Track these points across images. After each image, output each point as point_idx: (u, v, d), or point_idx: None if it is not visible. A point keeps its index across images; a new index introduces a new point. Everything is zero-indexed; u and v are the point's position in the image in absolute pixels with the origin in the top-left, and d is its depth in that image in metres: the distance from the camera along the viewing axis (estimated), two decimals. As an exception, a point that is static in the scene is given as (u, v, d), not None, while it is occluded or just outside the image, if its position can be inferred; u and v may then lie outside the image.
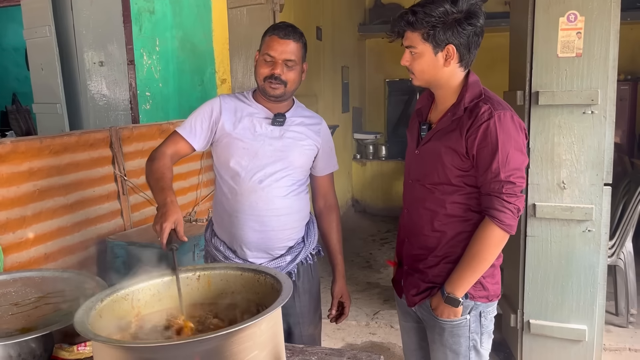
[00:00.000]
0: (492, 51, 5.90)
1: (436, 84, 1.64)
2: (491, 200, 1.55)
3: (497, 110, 1.53)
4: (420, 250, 1.72)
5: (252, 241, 1.85)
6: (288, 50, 1.79)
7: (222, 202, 1.90)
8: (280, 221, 1.85)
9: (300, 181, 1.91)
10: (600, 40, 2.56)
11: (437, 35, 1.53)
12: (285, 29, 1.81)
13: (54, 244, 2.35)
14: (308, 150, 1.90)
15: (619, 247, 3.44)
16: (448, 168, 1.60)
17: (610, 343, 3.26)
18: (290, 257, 1.89)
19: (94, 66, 4.14)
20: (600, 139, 2.64)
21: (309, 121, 1.95)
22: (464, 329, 1.69)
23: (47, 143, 2.33)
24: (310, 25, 5.18)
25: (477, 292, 1.67)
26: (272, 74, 1.79)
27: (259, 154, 1.82)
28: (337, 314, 2.04)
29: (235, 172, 1.83)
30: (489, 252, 1.59)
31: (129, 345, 1.04)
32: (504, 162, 1.52)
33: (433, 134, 1.66)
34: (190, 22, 3.72)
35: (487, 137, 1.53)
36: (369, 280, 4.56)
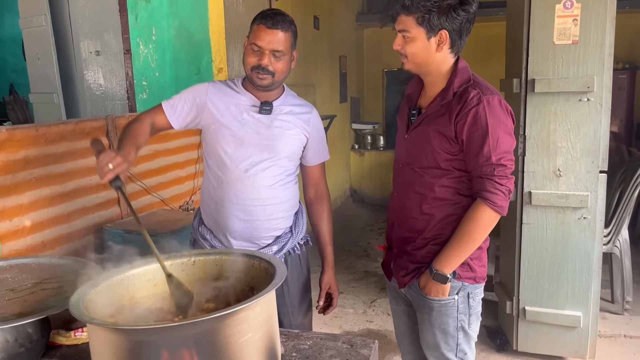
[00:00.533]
0: (490, 40, 5.89)
1: (427, 69, 1.66)
2: (483, 182, 1.58)
3: (486, 95, 1.56)
4: (409, 233, 1.76)
5: (237, 230, 1.84)
6: (276, 41, 1.74)
7: (208, 191, 1.89)
8: (266, 211, 1.84)
9: (288, 171, 1.89)
10: (597, 28, 2.56)
11: (431, 20, 1.55)
12: (274, 17, 1.76)
13: (51, 232, 2.35)
14: (296, 139, 1.88)
15: (615, 235, 3.45)
16: (437, 152, 1.63)
17: (606, 330, 3.29)
18: (277, 246, 1.88)
19: (90, 55, 4.13)
20: (596, 127, 2.65)
21: (299, 110, 1.91)
22: (452, 309, 1.73)
23: (43, 131, 2.33)
24: (308, 15, 5.16)
25: (464, 273, 1.71)
26: (260, 65, 1.76)
27: (245, 143, 1.81)
28: (325, 305, 2.02)
29: (222, 160, 1.82)
30: (479, 233, 1.62)
31: (123, 327, 1.05)
32: (495, 145, 1.55)
33: (422, 119, 1.68)
34: (187, 11, 3.71)
35: (477, 122, 1.55)
36: (367, 269, 4.58)
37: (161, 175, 3.08)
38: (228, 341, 1.04)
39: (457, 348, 1.77)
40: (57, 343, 1.44)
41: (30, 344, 1.28)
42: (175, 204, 3.19)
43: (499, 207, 1.58)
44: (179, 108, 1.84)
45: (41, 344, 1.33)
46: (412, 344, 2.00)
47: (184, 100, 1.85)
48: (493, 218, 1.60)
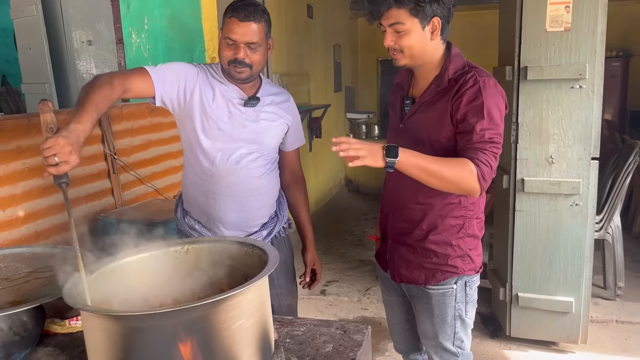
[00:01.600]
0: (484, 29, 5.88)
1: (422, 60, 1.63)
2: (476, 152, 1.52)
3: (482, 77, 1.56)
4: (405, 223, 1.74)
5: (230, 221, 1.87)
6: (249, 33, 1.71)
7: (195, 183, 1.88)
8: (258, 200, 1.88)
9: (273, 159, 1.94)
10: (589, 14, 2.56)
11: (425, 9, 1.54)
12: (245, 9, 1.71)
13: (44, 222, 2.35)
14: (280, 130, 1.91)
15: (607, 221, 3.48)
16: (434, 139, 1.61)
17: (598, 315, 3.32)
18: (266, 231, 1.93)
19: (82, 45, 4.10)
20: (588, 114, 2.66)
21: (279, 99, 1.93)
22: (450, 299, 1.73)
23: (36, 121, 2.32)
24: (301, 3, 5.13)
25: (465, 265, 1.71)
26: (236, 59, 1.73)
27: (234, 136, 1.81)
28: (311, 280, 2.14)
29: (210, 153, 1.81)
30: (451, 182, 1.51)
31: (116, 314, 1.06)
32: (489, 124, 1.53)
33: (418, 107, 1.67)
34: (179, 0, 3.69)
35: (473, 101, 1.54)
36: (361, 258, 4.60)
37: (155, 165, 3.08)
38: (221, 327, 1.05)
39: (454, 336, 1.78)
40: (51, 331, 1.45)
41: (25, 332, 1.29)
42: (169, 193, 3.19)
43: (485, 180, 1.51)
44: (169, 81, 1.74)
45: (36, 332, 1.34)
46: (404, 333, 2.01)
47: (176, 76, 1.76)
48: (471, 185, 1.50)
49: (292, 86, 4.67)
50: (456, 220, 1.68)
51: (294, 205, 2.11)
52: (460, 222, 1.68)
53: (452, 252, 1.69)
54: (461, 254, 1.70)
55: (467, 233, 1.70)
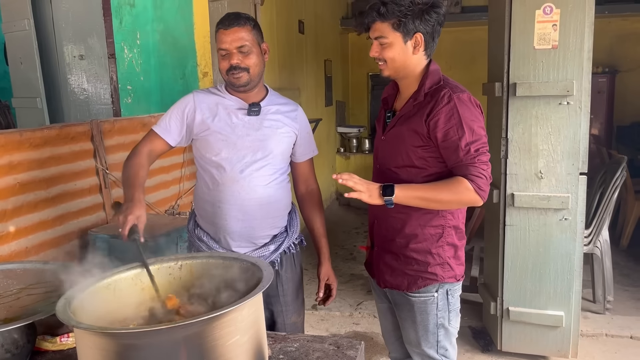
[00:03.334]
0: (474, 45, 5.97)
1: (404, 72, 1.72)
2: (467, 167, 1.61)
3: (456, 93, 1.63)
4: (388, 231, 1.81)
5: (235, 230, 1.87)
6: (237, 38, 1.79)
7: (204, 194, 1.92)
8: (263, 210, 1.88)
9: (281, 169, 1.94)
10: (575, 33, 2.61)
11: (407, 24, 1.62)
12: (228, 18, 1.82)
13: (35, 238, 2.34)
14: (286, 137, 1.92)
15: (596, 235, 3.52)
16: (411, 150, 1.69)
17: (588, 329, 3.34)
18: (273, 246, 1.92)
19: (74, 60, 4.10)
20: (575, 130, 2.70)
21: (285, 108, 1.96)
22: (431, 307, 1.78)
23: (28, 136, 2.31)
24: (293, 19, 5.18)
25: (445, 273, 1.77)
26: (231, 65, 1.80)
27: (238, 145, 1.84)
28: (325, 296, 2.07)
29: (217, 164, 1.85)
30: (451, 203, 1.66)
31: (111, 331, 1.06)
32: (471, 138, 1.61)
33: (397, 120, 1.75)
34: (172, 16, 3.71)
35: (451, 119, 1.61)
36: (353, 272, 4.60)
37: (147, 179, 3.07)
38: (216, 343, 1.05)
39: (437, 345, 1.82)
40: (42, 349, 1.44)
41: (16, 350, 1.28)
42: (161, 208, 3.19)
43: (483, 191, 1.61)
44: (172, 126, 1.88)
45: (27, 349, 1.32)
46: (398, 340, 2.04)
47: (175, 118, 1.89)
48: (472, 199, 1.62)
49: (283, 101, 4.69)
50: (435, 230, 1.75)
51: (308, 218, 2.08)
52: (439, 231, 1.75)
53: (432, 260, 1.76)
54: (440, 262, 1.76)
55: (446, 242, 1.76)
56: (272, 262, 1.93)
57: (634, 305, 3.72)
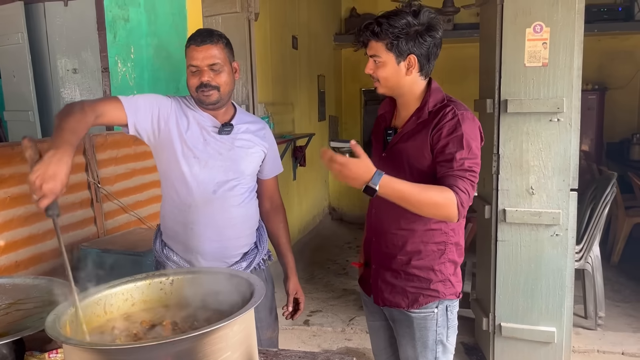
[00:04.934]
0: (465, 61, 6.02)
1: (399, 91, 1.72)
2: (456, 179, 1.57)
3: (460, 110, 1.64)
4: (388, 249, 1.79)
5: (209, 251, 1.85)
6: (209, 56, 1.75)
7: (173, 214, 1.87)
8: (237, 229, 1.87)
9: (251, 187, 1.93)
10: (565, 51, 2.65)
11: (400, 46, 1.62)
12: (201, 35, 1.78)
13: (25, 252, 2.31)
14: (257, 157, 1.92)
15: (587, 251, 3.53)
16: (415, 168, 1.68)
17: (580, 345, 3.34)
18: (245, 263, 1.90)
19: (67, 73, 4.11)
20: (566, 146, 2.73)
21: (254, 127, 1.94)
22: (431, 322, 1.76)
23: (19, 150, 2.30)
24: (286, 34, 5.22)
25: (447, 290, 1.76)
26: (202, 82, 1.76)
27: (209, 164, 1.81)
28: (293, 309, 2.09)
29: (186, 182, 1.80)
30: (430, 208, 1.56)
31: (100, 347, 1.05)
32: (468, 154, 1.60)
33: (400, 137, 1.73)
34: (166, 30, 3.73)
35: (453, 132, 1.61)
36: (345, 287, 4.59)
37: (139, 193, 3.06)
38: (207, 360, 1.04)
39: None
40: (31, 365, 1.42)
41: (4, 366, 1.26)
42: (153, 222, 3.17)
43: (463, 208, 1.55)
44: (141, 110, 1.75)
45: (15, 365, 1.31)
46: (389, 358, 2.01)
47: (149, 105, 1.77)
48: (450, 212, 1.54)
49: (277, 115, 4.70)
50: (438, 246, 1.73)
51: (274, 234, 2.09)
52: (441, 247, 1.74)
53: (434, 276, 1.74)
54: (442, 279, 1.75)
55: (447, 258, 1.75)
56: None
57: (626, 321, 3.73)
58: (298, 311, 2.10)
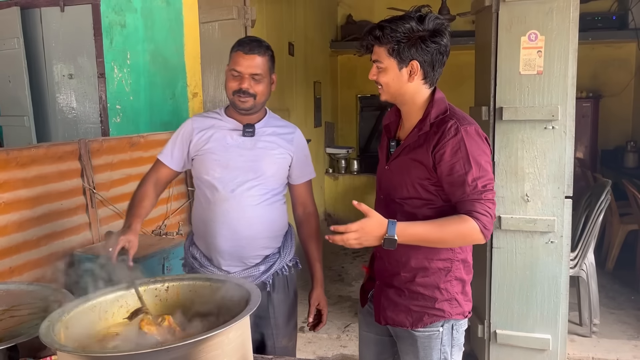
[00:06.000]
0: (461, 68, 6.04)
1: (401, 99, 1.66)
2: (473, 204, 1.53)
3: (463, 125, 1.56)
4: (392, 265, 1.72)
5: (225, 249, 1.88)
6: (253, 65, 1.83)
7: (198, 212, 1.96)
8: (253, 230, 1.88)
9: (275, 190, 1.94)
10: (560, 59, 2.67)
11: (401, 51, 1.56)
12: (250, 43, 1.85)
13: (19, 258, 2.31)
14: (280, 159, 1.93)
15: (581, 258, 3.54)
16: (417, 182, 1.62)
17: (575, 352, 3.34)
18: (264, 266, 1.91)
19: (63, 79, 4.11)
20: (561, 153, 2.74)
21: (282, 130, 1.98)
22: (436, 341, 1.68)
23: (14, 155, 2.30)
24: (283, 41, 5.23)
25: (453, 310, 1.68)
26: (240, 89, 1.84)
27: (230, 165, 1.87)
28: (315, 322, 2.04)
29: (210, 183, 1.89)
30: (455, 242, 1.60)
31: (95, 355, 1.04)
32: (478, 173, 1.53)
33: (401, 150, 1.67)
34: (162, 36, 3.73)
35: (457, 152, 1.54)
36: (341, 294, 4.58)
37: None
38: (202, 367, 1.04)
39: None
40: (24, 372, 1.41)
41: (-3, 373, 1.26)
42: (148, 228, 3.16)
43: (487, 230, 1.53)
44: (175, 152, 1.95)
45: (9, 372, 1.30)
46: None
47: (177, 144, 1.95)
48: (476, 238, 1.54)
49: (272, 122, 4.70)
50: (444, 263, 1.66)
51: (304, 241, 2.08)
52: (447, 264, 1.67)
53: (439, 295, 1.67)
54: (448, 298, 1.67)
55: (454, 276, 1.68)
56: (264, 283, 1.92)
57: (620, 328, 3.73)
58: (320, 323, 2.05)
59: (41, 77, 4.16)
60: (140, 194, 1.90)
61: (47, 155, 2.48)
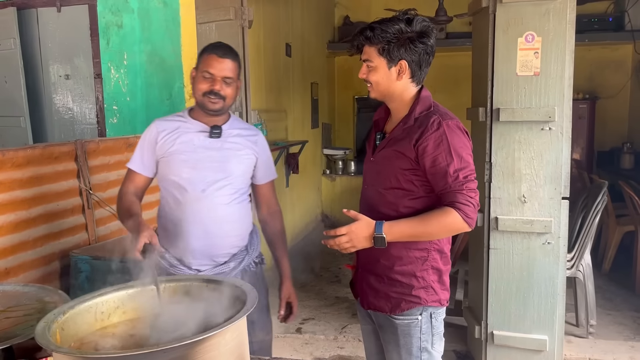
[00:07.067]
0: (458, 69, 6.06)
1: (390, 97, 1.77)
2: (454, 195, 1.63)
3: (445, 120, 1.66)
4: (371, 251, 1.79)
5: (196, 249, 1.92)
6: (227, 68, 1.89)
7: (166, 213, 1.97)
8: (223, 228, 1.94)
9: (242, 190, 2.01)
10: (556, 60, 2.68)
11: (391, 51, 1.67)
12: (224, 48, 1.92)
13: (14, 259, 2.30)
14: (246, 159, 2.00)
15: (578, 259, 3.55)
16: (399, 172, 1.71)
17: (571, 353, 3.35)
18: (233, 263, 1.97)
19: (59, 79, 4.09)
20: (557, 155, 2.75)
21: (246, 133, 2.05)
22: (415, 329, 1.77)
23: (10, 156, 2.29)
24: (280, 42, 5.24)
25: (429, 297, 1.77)
26: (212, 90, 1.88)
27: (199, 166, 1.91)
28: (286, 314, 2.13)
29: (177, 184, 1.91)
30: (441, 233, 1.69)
31: (92, 356, 1.04)
32: (460, 164, 1.63)
33: (387, 142, 1.78)
34: (159, 37, 3.73)
35: (440, 145, 1.64)
36: (338, 295, 4.57)
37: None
38: (199, 368, 1.04)
39: None
40: (20, 373, 1.40)
41: (-8, 375, 1.25)
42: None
43: (470, 218, 1.63)
44: (145, 158, 1.96)
45: (4, 374, 1.29)
46: None
47: (145, 150, 1.96)
48: (460, 227, 1.65)
49: (270, 122, 4.71)
50: (421, 253, 1.75)
51: (270, 239, 2.16)
52: (424, 254, 1.76)
53: (416, 283, 1.76)
54: (425, 285, 1.77)
55: (430, 265, 1.77)
56: None
57: (617, 329, 3.74)
58: (291, 315, 2.14)
59: (37, 77, 4.15)
60: (126, 202, 1.90)
61: (43, 155, 2.47)
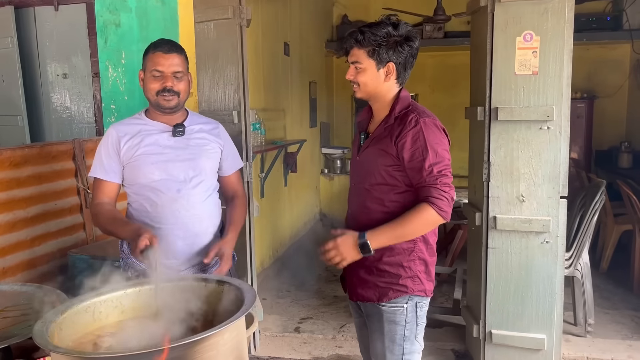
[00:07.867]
0: (456, 69, 6.06)
1: (375, 97, 1.86)
2: (429, 189, 1.74)
3: (422, 117, 1.77)
4: None
5: (177, 250, 1.90)
6: (175, 64, 1.88)
7: (142, 217, 1.93)
8: (203, 225, 1.94)
9: (213, 185, 2.02)
10: (555, 59, 2.67)
11: (380, 53, 1.77)
12: (168, 43, 1.91)
13: (12, 258, 2.29)
14: (214, 154, 2.01)
15: (576, 258, 3.55)
16: (383, 169, 1.81)
17: (569, 352, 3.35)
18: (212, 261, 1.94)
19: (57, 78, 4.09)
20: (556, 154, 2.75)
21: (207, 127, 2.04)
22: (400, 317, 1.85)
23: (8, 155, 2.28)
24: (278, 41, 5.23)
25: (415, 286, 1.86)
26: (164, 87, 1.87)
27: (169, 166, 1.89)
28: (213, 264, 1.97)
29: (152, 187, 1.89)
30: (420, 230, 1.79)
31: (89, 356, 1.03)
32: (435, 159, 1.73)
33: (370, 141, 1.87)
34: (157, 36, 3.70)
35: (417, 142, 1.74)
36: (336, 294, 4.57)
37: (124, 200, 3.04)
38: (197, 368, 1.03)
39: (402, 357, 1.88)
40: (18, 373, 1.40)
41: (-11, 375, 1.25)
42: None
43: (444, 212, 1.74)
44: (109, 166, 1.91)
45: (1, 374, 1.29)
46: None
47: (107, 156, 1.91)
48: (436, 220, 1.75)
49: (268, 121, 4.70)
50: (407, 244, 1.84)
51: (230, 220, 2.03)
52: (411, 245, 1.85)
53: (403, 272, 1.85)
54: (411, 275, 1.86)
55: (417, 256, 1.86)
56: None
57: (615, 328, 3.74)
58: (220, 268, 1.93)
59: (35, 76, 4.14)
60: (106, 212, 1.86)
61: (40, 155, 2.47)
